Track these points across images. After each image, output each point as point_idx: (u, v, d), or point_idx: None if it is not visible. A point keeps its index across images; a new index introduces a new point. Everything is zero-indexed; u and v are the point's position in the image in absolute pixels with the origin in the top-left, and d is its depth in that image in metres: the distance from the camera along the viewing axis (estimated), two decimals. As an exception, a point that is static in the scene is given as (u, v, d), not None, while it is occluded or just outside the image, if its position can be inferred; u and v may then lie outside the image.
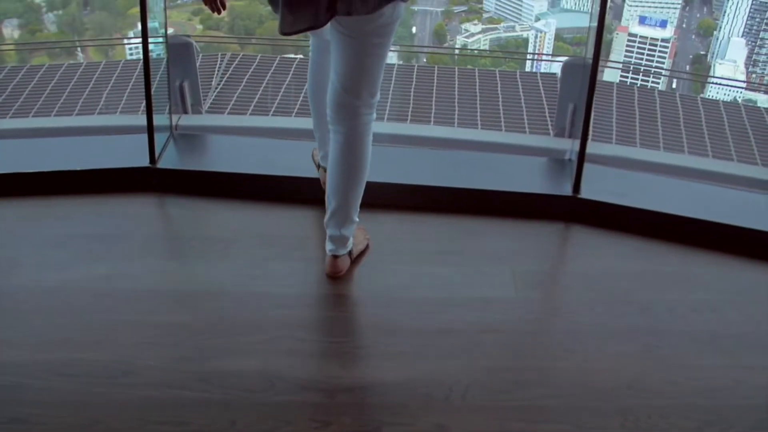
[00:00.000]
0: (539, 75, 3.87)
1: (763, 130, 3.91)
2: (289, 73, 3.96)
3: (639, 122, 3.74)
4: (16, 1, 26.90)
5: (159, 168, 2.89)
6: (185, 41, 3.31)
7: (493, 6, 28.41)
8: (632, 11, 27.15)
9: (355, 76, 2.16)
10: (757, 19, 26.75)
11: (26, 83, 4.23)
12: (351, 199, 2.29)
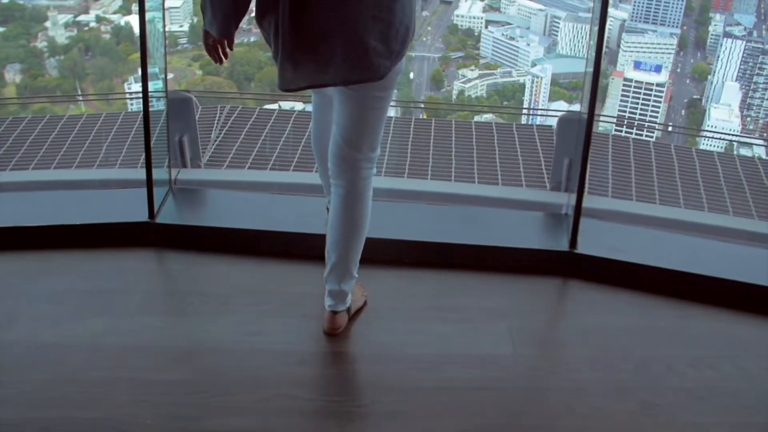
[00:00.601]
0: (535, 127, 3.92)
1: (758, 181, 3.94)
2: (287, 125, 4.00)
3: (635, 174, 3.78)
4: (18, 47, 27.21)
5: (158, 223, 2.90)
6: (185, 96, 3.35)
7: (490, 52, 28.78)
8: (627, 56, 27.54)
9: (356, 129, 2.18)
10: (750, 63, 27.11)
11: (27, 134, 4.27)
12: (351, 253, 2.29)
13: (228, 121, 4.03)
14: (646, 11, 29.30)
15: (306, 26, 1.97)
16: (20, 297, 2.62)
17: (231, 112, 4.09)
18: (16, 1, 29.20)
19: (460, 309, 2.57)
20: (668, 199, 3.74)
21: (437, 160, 3.62)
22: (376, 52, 1.99)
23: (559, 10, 29.44)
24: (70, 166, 3.95)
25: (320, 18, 1.96)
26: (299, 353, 2.37)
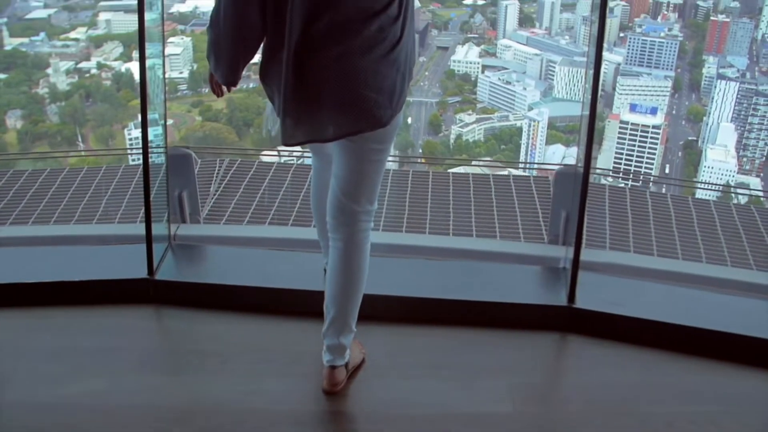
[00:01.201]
0: (532, 179, 3.95)
1: (756, 230, 3.96)
2: (286, 178, 4.04)
3: (632, 225, 3.80)
4: (20, 93, 27.44)
5: (157, 279, 2.91)
6: (184, 153, 3.39)
7: (487, 96, 29.07)
8: (623, 99, 27.87)
9: (355, 181, 2.22)
10: (745, 104, 27.40)
11: (28, 187, 4.29)
12: (349, 307, 2.30)
13: (227, 174, 4.06)
14: (640, 55, 29.68)
15: (308, 83, 2.01)
16: (18, 355, 2.62)
17: (230, 164, 4.13)
18: (19, 49, 29.59)
19: (459, 366, 2.56)
20: (666, 250, 3.75)
21: (435, 213, 3.64)
22: (377, 104, 2.03)
23: (554, 54, 29.81)
24: (71, 220, 3.97)
25: (322, 75, 2.01)
26: (298, 413, 2.36)
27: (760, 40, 30.51)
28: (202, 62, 29.82)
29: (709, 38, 30.99)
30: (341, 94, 2.02)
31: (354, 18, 1.96)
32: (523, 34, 31.15)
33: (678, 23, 31.52)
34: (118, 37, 29.55)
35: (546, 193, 3.88)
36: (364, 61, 1.99)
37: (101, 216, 3.92)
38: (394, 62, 2.04)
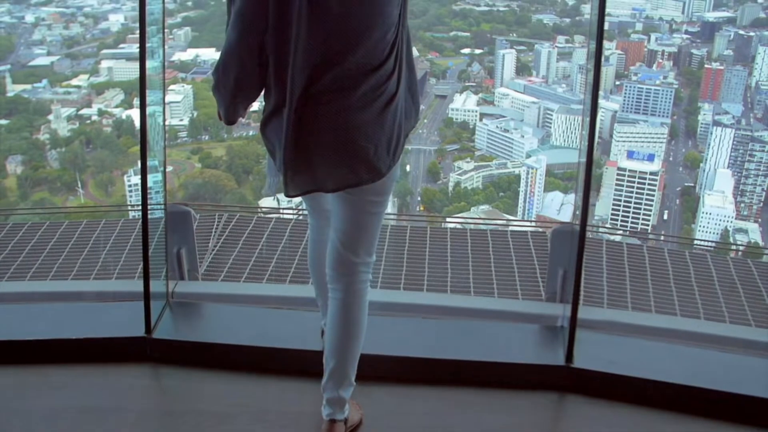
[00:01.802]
0: (530, 234, 3.97)
1: (753, 285, 3.96)
2: (285, 233, 4.05)
3: (629, 280, 3.80)
4: (21, 139, 27.58)
5: (154, 338, 2.91)
6: (183, 210, 3.40)
7: (485, 144, 29.29)
8: (620, 146, 28.03)
9: (353, 233, 2.26)
10: (741, 150, 27.56)
11: (27, 241, 4.30)
12: (349, 358, 2.31)
13: (226, 229, 4.08)
14: (636, 102, 29.96)
15: (309, 137, 2.06)
16: (14, 414, 2.60)
17: (229, 219, 4.15)
18: (21, 95, 29.86)
19: (456, 427, 2.54)
20: (664, 306, 3.75)
21: (433, 269, 3.65)
22: (376, 155, 2.09)
23: (551, 102, 30.14)
24: (69, 274, 3.97)
25: (323, 129, 2.06)
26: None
27: (754, 87, 30.85)
28: (202, 110, 30.09)
29: (704, 85, 31.34)
30: (341, 147, 2.07)
31: (353, 75, 2.02)
32: (520, 82, 31.55)
33: (673, 71, 31.89)
34: (119, 85, 29.88)
35: (543, 248, 3.89)
36: (363, 115, 2.04)
37: (100, 270, 3.92)
38: (391, 115, 2.09)
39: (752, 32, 32.07)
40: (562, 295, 3.17)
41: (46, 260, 4.10)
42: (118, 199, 26.43)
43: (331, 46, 2.00)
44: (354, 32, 2.00)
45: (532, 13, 34.08)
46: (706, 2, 33.89)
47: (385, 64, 2.03)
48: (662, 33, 33.05)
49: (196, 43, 31.41)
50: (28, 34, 32.65)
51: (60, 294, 3.47)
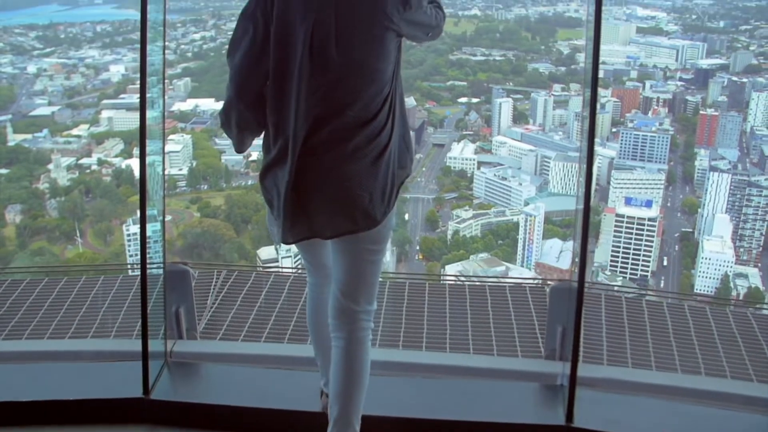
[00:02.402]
0: (528, 289, 3.97)
1: (753, 338, 3.94)
2: (283, 290, 4.05)
3: (629, 336, 3.79)
4: (20, 188, 27.65)
5: (152, 399, 2.88)
6: (182, 269, 3.40)
7: (483, 192, 29.39)
8: (618, 193, 28.12)
9: (352, 282, 2.31)
10: (738, 195, 27.64)
11: (24, 299, 4.29)
12: (353, 404, 2.33)
13: (225, 285, 4.08)
14: (633, 149, 30.14)
15: (307, 186, 2.14)
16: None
17: (228, 275, 4.15)
18: (22, 144, 30.01)
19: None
20: (664, 361, 3.73)
21: (432, 327, 3.64)
22: (372, 203, 2.17)
23: (549, 150, 30.31)
24: (67, 332, 3.95)
25: (320, 179, 2.14)
26: None
27: (749, 133, 31.08)
28: (201, 159, 30.23)
29: (700, 131, 31.56)
30: (337, 196, 2.15)
31: (349, 127, 2.12)
32: (517, 130, 31.78)
33: (668, 117, 32.17)
34: (119, 134, 30.06)
35: (542, 302, 3.88)
36: (358, 165, 2.13)
37: (98, 328, 3.91)
38: (385, 165, 2.17)
39: (745, 78, 32.46)
40: (562, 352, 3.15)
41: (44, 317, 4.09)
42: (117, 249, 26.41)
43: (332, 101, 2.10)
44: (353, 87, 2.10)
45: (528, 62, 34.52)
46: (699, 50, 34.35)
47: (378, 116, 2.13)
48: (657, 80, 33.43)
49: (196, 93, 31.72)
50: (29, 85, 32.97)
51: (57, 353, 3.45)
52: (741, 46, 34.37)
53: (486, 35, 35.37)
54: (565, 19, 35.43)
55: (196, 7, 36.12)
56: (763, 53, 33.87)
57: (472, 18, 36.17)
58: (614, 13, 35.45)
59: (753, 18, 35.15)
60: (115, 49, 34.41)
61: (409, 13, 2.14)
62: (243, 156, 30.29)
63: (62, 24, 35.95)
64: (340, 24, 2.08)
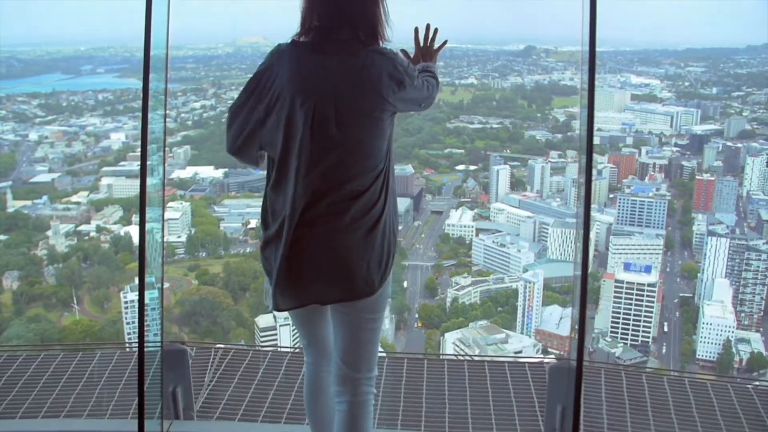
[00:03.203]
0: (527, 366, 3.96)
1: (755, 413, 3.90)
2: (281, 367, 4.01)
3: (629, 412, 3.74)
4: (18, 255, 27.63)
5: (147, 486, 2.84)
6: (179, 348, 3.39)
7: (482, 259, 29.44)
8: (616, 258, 28.15)
9: (352, 351, 2.35)
10: (737, 260, 27.64)
11: (19, 376, 4.24)
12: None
13: (222, 363, 4.04)
14: (630, 214, 30.26)
15: (304, 256, 2.19)
16: None
17: (225, 353, 4.12)
18: (21, 211, 30.11)
19: None
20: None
21: (430, 405, 3.60)
22: (368, 272, 2.22)
23: (546, 216, 30.46)
24: (62, 410, 3.90)
25: (317, 250, 2.19)
26: None
27: (745, 197, 31.27)
28: (200, 227, 30.34)
29: (697, 197, 31.75)
30: (334, 265, 2.20)
31: (345, 200, 2.18)
32: (515, 197, 32.02)
33: (665, 183, 32.41)
34: (118, 201, 30.19)
35: (542, 379, 3.85)
36: (354, 236, 2.19)
37: (93, 407, 3.86)
38: (379, 235, 2.23)
39: (740, 143, 32.84)
40: (562, 431, 3.12)
41: (40, 395, 4.03)
42: (114, 316, 26.28)
43: (331, 176, 2.17)
44: (352, 164, 2.18)
45: (525, 129, 35.01)
46: (693, 116, 34.86)
47: (371, 188, 2.20)
48: (652, 146, 33.84)
49: (196, 161, 32.06)
50: (30, 152, 33.29)
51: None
52: (734, 111, 34.89)
53: (483, 103, 35.97)
54: (561, 87, 36.07)
55: (197, 76, 36.79)
56: (756, 118, 34.36)
57: (469, 87, 36.83)
58: (609, 81, 36.11)
59: (745, 84, 35.76)
60: (116, 117, 34.89)
61: (402, 93, 2.22)
62: (242, 224, 30.70)
63: (65, 92, 36.53)
64: (339, 106, 2.16)
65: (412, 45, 2.58)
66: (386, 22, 2.29)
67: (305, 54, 2.21)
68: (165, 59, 2.99)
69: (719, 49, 38.57)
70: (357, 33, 2.23)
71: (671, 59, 38.00)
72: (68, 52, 38.59)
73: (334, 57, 2.20)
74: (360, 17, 2.25)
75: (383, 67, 2.19)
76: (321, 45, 2.22)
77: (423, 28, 2.59)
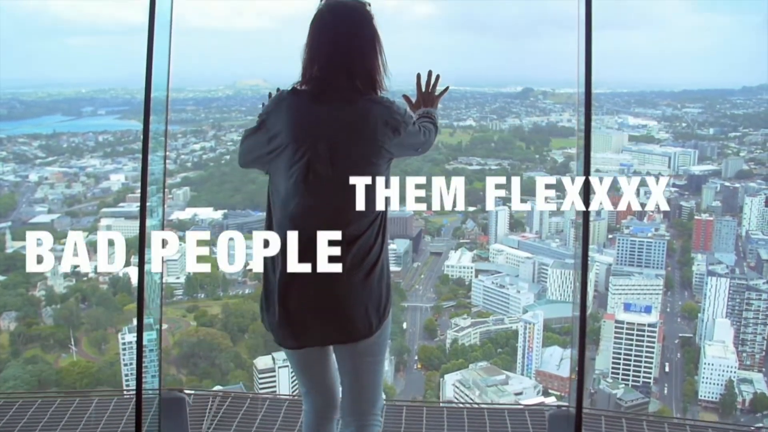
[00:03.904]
0: (527, 413, 3.92)
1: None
2: (279, 414, 3.98)
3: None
4: (16, 296, 27.54)
5: None
6: (177, 396, 3.38)
7: (481, 300, 29.38)
8: (616, 299, 28.08)
9: (357, 392, 2.42)
10: (738, 299, 27.56)
11: (16, 422, 4.21)
12: None
13: (221, 410, 4.01)
14: (629, 255, 30.24)
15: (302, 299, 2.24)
16: None
17: (223, 399, 4.09)
18: (20, 251, 30.05)
19: None
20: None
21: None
22: (367, 314, 2.26)
23: (546, 257, 30.46)
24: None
25: (315, 294, 2.24)
26: None
27: (744, 237, 31.28)
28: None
29: (696, 237, 31.76)
30: (333, 309, 2.25)
31: (342, 243, 2.22)
32: (514, 238, 32.05)
33: (664, 223, 32.45)
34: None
35: (542, 426, 3.82)
36: (351, 280, 2.23)
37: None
38: (377, 278, 2.28)
39: (737, 183, 32.94)
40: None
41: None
42: (111, 357, 26.12)
43: (328, 220, 2.22)
44: (348, 208, 2.22)
45: (523, 170, 35.11)
46: (690, 156, 35.02)
47: (367, 232, 2.25)
48: (651, 208, 33.87)
49: (195, 202, 32.14)
50: (30, 193, 33.35)
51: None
52: (731, 152, 35.06)
53: (481, 145, 36.19)
54: (559, 128, 36.32)
55: (197, 118, 37.04)
56: (754, 158, 34.52)
57: (468, 128, 37.08)
58: (606, 123, 36.34)
59: (741, 125, 36.00)
60: (116, 158, 35.02)
61: (398, 138, 2.26)
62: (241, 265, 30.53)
63: (65, 134, 36.70)
64: (335, 153, 2.22)
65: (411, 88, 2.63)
66: (384, 72, 2.35)
67: (304, 102, 2.28)
68: (166, 101, 3.03)
69: (715, 90, 38.93)
70: (355, 83, 2.29)
71: (668, 100, 38.32)
72: (69, 93, 38.92)
73: (331, 105, 2.26)
74: (359, 68, 2.31)
75: (379, 115, 2.25)
76: (320, 94, 2.28)
77: (425, 73, 2.65)
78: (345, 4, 2.33)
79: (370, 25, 2.35)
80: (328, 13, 2.33)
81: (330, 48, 2.31)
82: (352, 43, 2.32)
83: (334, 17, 2.32)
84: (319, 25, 2.33)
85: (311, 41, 2.33)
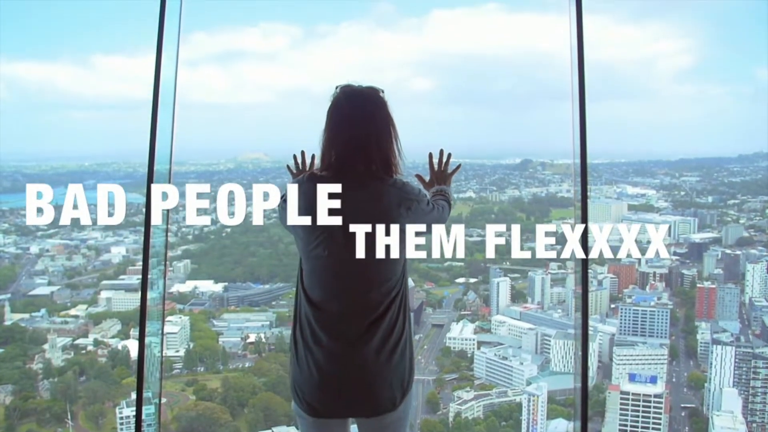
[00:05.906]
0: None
1: None
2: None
3: None
4: (13, 368, 27.35)
5: None
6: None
7: (484, 372, 29.10)
8: (621, 369, 27.78)
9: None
10: (744, 368, 27.24)
11: None
12: None
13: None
14: (633, 324, 30.05)
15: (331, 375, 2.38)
16: None
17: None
18: (19, 324, 29.92)
19: None
20: None
21: None
22: (392, 389, 2.42)
23: (548, 328, 30.30)
24: None
25: (341, 371, 2.38)
26: None
27: (748, 304, 31.10)
28: (198, 341, 30.09)
29: (699, 305, 31.58)
30: (359, 385, 2.39)
31: (363, 324, 2.38)
32: (516, 309, 31.94)
33: (666, 292, 32.32)
34: (117, 315, 30.04)
35: None
36: (378, 359, 2.39)
37: None
38: (399, 356, 2.43)
39: (738, 251, 32.94)
40: None
41: None
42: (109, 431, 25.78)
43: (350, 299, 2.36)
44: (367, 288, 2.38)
45: (524, 242, 35.13)
46: (690, 224, 35.11)
47: (391, 310, 2.39)
48: (652, 255, 33.82)
49: (195, 275, 32.16)
50: (30, 265, 33.33)
51: None
52: (731, 219, 35.15)
53: (481, 216, 36.32)
54: (558, 199, 36.50)
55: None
56: (753, 225, 34.59)
57: (468, 200, 37.28)
58: (605, 192, 36.54)
59: (739, 192, 36.18)
60: (118, 231, 35.09)
61: (412, 216, 2.33)
62: (240, 338, 30.52)
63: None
64: (349, 238, 2.36)
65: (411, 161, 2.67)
66: (400, 157, 2.42)
67: (321, 189, 2.35)
68: (168, 174, 3.06)
69: (711, 158, 39.30)
70: (371, 167, 2.35)
71: (665, 169, 38.62)
72: (72, 167, 39.29)
73: (348, 191, 2.31)
74: (375, 154, 2.37)
75: (393, 196, 2.32)
76: (336, 178, 2.33)
77: (437, 153, 2.74)
78: (361, 92, 2.42)
79: (384, 111, 2.43)
80: (345, 101, 2.41)
81: (347, 135, 2.39)
82: (368, 130, 2.40)
83: (351, 104, 2.41)
84: (335, 113, 2.41)
85: (329, 128, 2.43)
